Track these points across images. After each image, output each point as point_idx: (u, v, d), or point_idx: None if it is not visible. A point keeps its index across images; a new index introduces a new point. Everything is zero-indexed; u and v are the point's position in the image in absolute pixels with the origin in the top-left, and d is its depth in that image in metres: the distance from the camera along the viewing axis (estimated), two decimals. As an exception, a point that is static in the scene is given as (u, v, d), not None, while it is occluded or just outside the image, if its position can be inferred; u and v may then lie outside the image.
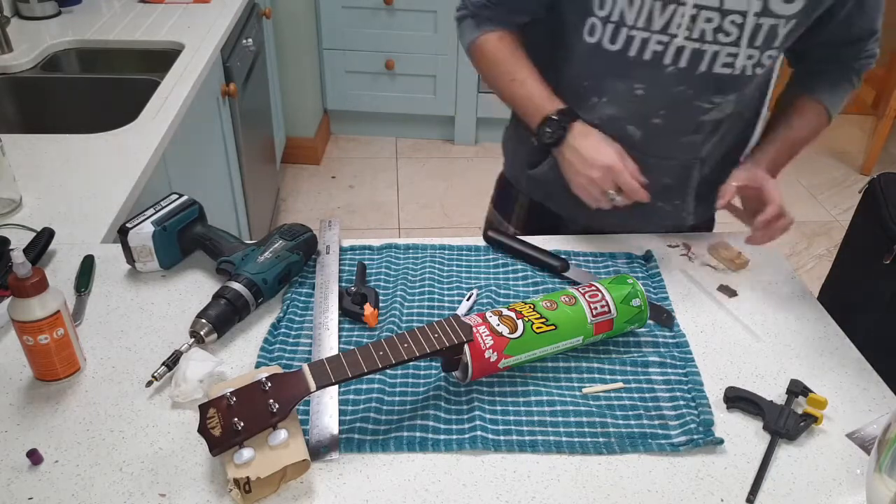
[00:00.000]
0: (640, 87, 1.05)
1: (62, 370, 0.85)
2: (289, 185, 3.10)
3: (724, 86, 1.04)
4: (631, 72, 1.04)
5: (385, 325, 0.96)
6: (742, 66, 1.02)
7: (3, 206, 1.18)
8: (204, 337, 0.90)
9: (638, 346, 0.95)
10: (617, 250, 1.13)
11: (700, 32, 0.98)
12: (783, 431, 0.82)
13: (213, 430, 0.70)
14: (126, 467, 0.76)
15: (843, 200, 3.21)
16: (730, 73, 1.02)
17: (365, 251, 1.11)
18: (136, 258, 1.01)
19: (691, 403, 0.86)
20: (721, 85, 1.04)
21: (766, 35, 0.99)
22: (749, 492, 0.76)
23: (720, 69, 1.02)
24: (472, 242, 1.14)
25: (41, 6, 2.00)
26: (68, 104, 1.77)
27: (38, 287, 0.81)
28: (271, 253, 1.00)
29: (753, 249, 1.13)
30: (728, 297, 1.05)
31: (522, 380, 0.88)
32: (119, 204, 1.21)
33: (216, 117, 1.94)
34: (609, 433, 0.82)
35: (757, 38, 0.99)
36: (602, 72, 1.06)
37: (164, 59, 1.78)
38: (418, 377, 0.89)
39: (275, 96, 2.88)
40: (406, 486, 0.76)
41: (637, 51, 1.01)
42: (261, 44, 2.48)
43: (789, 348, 0.96)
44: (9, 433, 0.79)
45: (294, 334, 0.94)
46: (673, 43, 0.99)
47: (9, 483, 0.74)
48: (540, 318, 0.88)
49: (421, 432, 0.81)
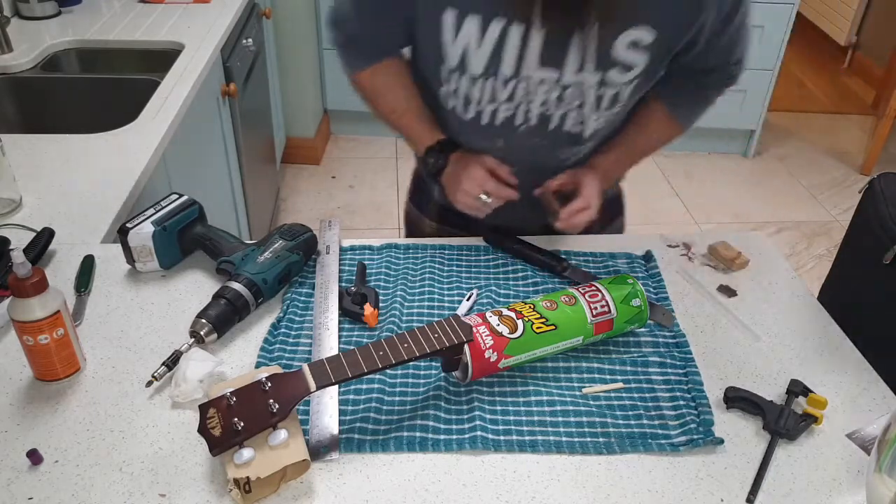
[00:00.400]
0: (499, 142, 1.08)
1: (62, 370, 0.85)
2: (289, 185, 3.10)
3: (579, 139, 1.07)
4: (488, 132, 1.06)
5: (385, 325, 0.96)
6: (592, 124, 1.04)
7: (3, 206, 1.18)
8: (204, 337, 0.90)
9: (638, 346, 0.95)
10: (617, 250, 1.13)
11: (543, 100, 1.01)
12: (783, 431, 0.82)
13: (213, 430, 0.70)
14: (126, 467, 0.76)
15: (843, 200, 3.21)
16: (581, 131, 1.05)
17: (365, 251, 1.11)
18: (136, 258, 1.01)
19: (691, 403, 0.86)
20: (575, 139, 1.07)
21: (611, 99, 1.01)
22: (749, 492, 0.76)
23: (571, 128, 1.04)
24: (472, 242, 1.14)
25: (41, 6, 2.00)
26: (68, 104, 1.77)
27: (38, 287, 0.81)
28: (271, 253, 1.00)
29: (754, 250, 1.14)
30: (728, 297, 1.05)
31: (522, 380, 0.88)
32: (119, 204, 1.21)
33: (216, 117, 1.94)
34: (609, 433, 0.82)
35: (602, 103, 1.01)
36: (463, 131, 1.10)
37: (164, 59, 1.78)
38: (418, 377, 0.89)
39: (275, 96, 2.88)
40: (406, 486, 0.76)
41: (489, 118, 1.04)
42: (261, 44, 2.48)
43: (789, 348, 0.96)
44: (9, 433, 0.79)
45: (294, 334, 0.94)
46: (520, 109, 1.02)
47: (9, 483, 0.74)
48: (540, 318, 0.88)
49: (421, 432, 0.81)
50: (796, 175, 3.39)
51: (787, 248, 2.89)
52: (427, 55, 1.03)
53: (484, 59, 0.97)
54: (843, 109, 4.05)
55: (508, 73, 0.98)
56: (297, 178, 3.16)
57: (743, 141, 3.49)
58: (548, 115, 1.03)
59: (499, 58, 0.96)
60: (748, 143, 3.47)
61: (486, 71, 0.98)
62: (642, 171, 3.54)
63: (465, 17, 0.95)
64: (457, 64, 0.99)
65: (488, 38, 0.95)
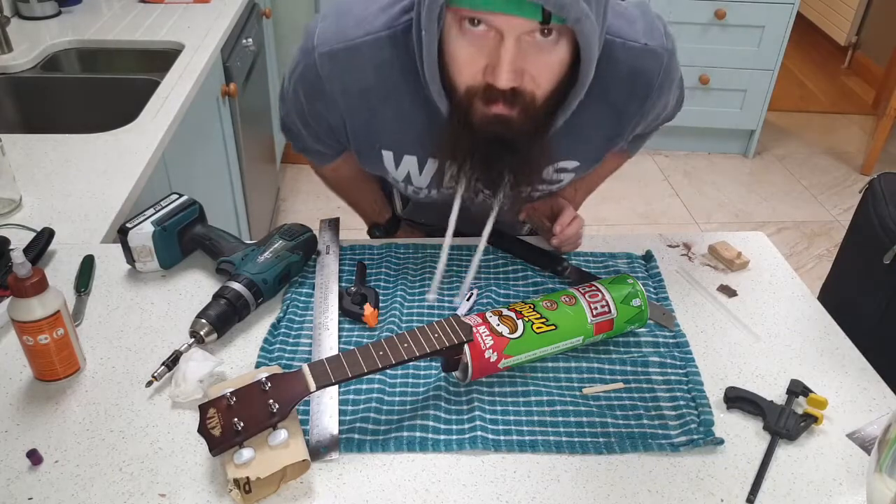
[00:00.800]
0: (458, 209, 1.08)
1: (62, 370, 0.85)
2: (289, 185, 3.10)
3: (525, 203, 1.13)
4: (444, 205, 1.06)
5: (385, 325, 0.96)
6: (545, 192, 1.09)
7: (3, 206, 1.18)
8: (204, 337, 0.90)
9: (638, 346, 0.95)
10: (617, 250, 1.14)
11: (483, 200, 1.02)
12: (783, 431, 0.82)
13: (213, 430, 0.70)
14: (126, 467, 0.76)
15: (843, 200, 3.21)
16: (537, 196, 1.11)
17: (365, 251, 1.11)
18: (136, 258, 1.01)
19: (691, 403, 0.86)
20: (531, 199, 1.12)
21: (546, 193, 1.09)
22: (749, 492, 0.76)
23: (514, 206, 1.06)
24: (472, 242, 1.14)
25: (41, 6, 2.00)
26: (68, 104, 1.77)
27: (38, 287, 0.81)
28: (271, 253, 1.00)
29: (754, 250, 1.14)
30: (728, 297, 1.05)
31: (522, 380, 0.88)
32: (119, 204, 1.21)
33: (216, 117, 1.94)
34: (609, 433, 0.82)
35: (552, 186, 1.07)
36: (420, 202, 1.15)
37: (164, 59, 1.78)
38: (418, 377, 0.88)
39: (275, 96, 2.88)
40: (406, 486, 0.76)
41: (443, 199, 1.06)
42: (261, 44, 2.48)
43: (789, 348, 0.96)
44: (9, 433, 0.79)
45: (294, 334, 0.94)
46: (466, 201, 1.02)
47: (9, 483, 0.74)
48: (540, 318, 0.88)
49: (421, 432, 0.81)
50: (796, 175, 3.39)
51: (787, 248, 2.89)
52: (371, 169, 1.08)
53: (426, 180, 1.05)
54: (843, 109, 4.05)
55: (449, 190, 1.01)
56: (297, 178, 3.16)
57: (743, 141, 3.49)
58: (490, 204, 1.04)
59: (440, 179, 1.01)
60: (748, 143, 3.47)
61: (430, 185, 1.06)
62: (642, 171, 3.55)
63: (401, 157, 1.02)
64: (402, 180, 1.06)
65: (428, 169, 1.03)
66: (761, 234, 1.19)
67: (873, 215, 1.28)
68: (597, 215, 2.99)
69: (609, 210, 3.05)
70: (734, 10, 3.05)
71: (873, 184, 1.33)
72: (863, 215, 1.34)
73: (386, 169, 1.05)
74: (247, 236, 2.28)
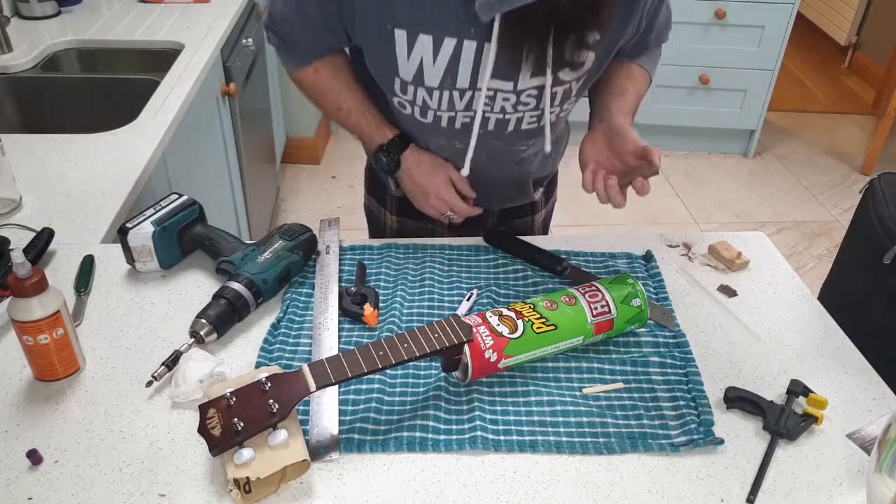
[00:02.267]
0: (458, 143, 1.09)
1: (62, 370, 0.85)
2: (289, 185, 3.10)
3: (535, 133, 1.10)
4: (445, 135, 1.08)
5: (385, 325, 0.96)
6: (547, 119, 1.05)
7: (3, 206, 1.18)
8: (204, 337, 0.90)
9: (638, 346, 0.95)
10: (617, 250, 1.13)
11: (500, 108, 1.03)
12: (783, 431, 0.82)
13: (213, 430, 0.70)
14: (126, 467, 0.76)
15: (843, 200, 3.21)
16: (537, 126, 1.08)
17: (365, 251, 1.11)
18: (136, 258, 1.01)
19: (691, 403, 0.86)
20: (532, 133, 1.10)
21: (563, 95, 1.04)
22: (749, 492, 0.76)
23: (527, 126, 1.07)
24: (472, 242, 1.14)
25: (41, 6, 1.99)
26: (68, 104, 1.76)
27: (38, 287, 0.81)
28: (271, 253, 1.00)
29: (754, 250, 1.14)
30: (728, 297, 1.05)
31: (522, 380, 0.88)
32: (119, 204, 1.21)
33: (216, 117, 1.94)
34: (609, 433, 0.82)
35: (555, 100, 1.04)
36: (420, 132, 1.11)
37: (164, 59, 1.78)
38: (418, 377, 0.88)
39: (275, 96, 2.88)
40: (406, 486, 0.76)
41: (447, 123, 1.05)
42: (261, 44, 2.48)
43: (789, 348, 0.96)
44: (9, 433, 0.79)
45: (294, 334, 0.94)
46: (477, 116, 1.02)
47: (9, 483, 0.74)
48: (540, 318, 0.88)
49: (421, 432, 0.81)
50: (796, 175, 3.39)
51: (787, 248, 2.89)
52: (379, 67, 1.03)
53: (440, 72, 0.98)
54: (843, 109, 4.05)
55: (464, 86, 0.99)
56: (297, 177, 3.16)
57: (743, 141, 3.49)
58: (505, 120, 1.05)
59: (454, 72, 0.98)
60: (748, 143, 3.47)
61: (441, 84, 0.99)
62: (642, 171, 3.53)
63: (416, 36, 0.95)
64: (412, 78, 0.99)
65: (442, 55, 0.96)
66: (761, 234, 1.19)
67: (873, 215, 1.28)
68: (597, 215, 2.99)
69: (609, 210, 3.05)
70: (734, 10, 3.05)
71: (873, 184, 1.33)
72: (863, 215, 1.34)
73: (396, 62, 0.98)
74: (247, 236, 2.28)
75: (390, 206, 1.30)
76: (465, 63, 0.96)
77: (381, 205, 1.32)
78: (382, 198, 1.31)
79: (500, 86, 0.99)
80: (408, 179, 1.12)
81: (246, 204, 2.26)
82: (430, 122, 1.06)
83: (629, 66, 1.14)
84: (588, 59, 1.01)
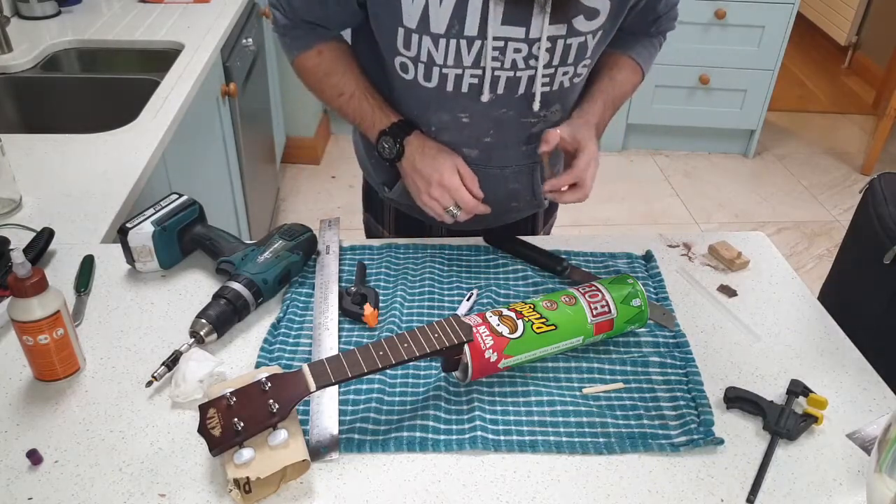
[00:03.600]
0: (464, 116, 1.05)
1: (62, 370, 0.85)
2: (289, 185, 3.10)
3: (546, 101, 1.05)
4: (452, 104, 1.04)
5: (385, 325, 0.96)
6: (560, 82, 1.03)
7: (3, 206, 1.18)
8: (204, 337, 0.90)
9: (638, 346, 0.95)
10: (617, 250, 1.13)
11: (511, 62, 0.98)
12: (783, 431, 0.82)
13: (213, 430, 0.70)
14: (126, 467, 0.76)
15: (843, 200, 3.21)
16: (549, 90, 1.03)
17: (365, 251, 1.11)
18: (136, 258, 1.01)
19: (691, 403, 0.86)
20: (543, 101, 1.04)
21: (577, 51, 1.00)
22: (749, 492, 0.76)
23: (538, 88, 1.02)
24: (472, 242, 1.14)
25: (41, 6, 1.99)
26: (68, 104, 1.76)
27: (38, 287, 0.81)
28: (271, 253, 1.00)
29: (754, 250, 1.14)
30: (728, 297, 1.05)
31: (522, 380, 0.88)
32: (119, 204, 1.21)
33: (216, 117, 1.94)
34: (609, 433, 0.82)
35: (569, 57, 1.00)
36: (424, 105, 1.06)
37: (164, 59, 1.78)
38: (418, 377, 0.88)
39: (275, 96, 2.88)
40: (406, 486, 0.76)
41: (453, 86, 1.01)
42: (261, 44, 2.48)
43: (789, 348, 0.96)
44: (9, 433, 0.79)
45: (294, 334, 0.94)
46: (487, 74, 0.99)
47: (9, 483, 0.74)
48: (540, 318, 0.88)
49: (421, 432, 0.81)
50: (796, 175, 3.39)
51: (787, 248, 2.89)
52: (382, 18, 0.97)
53: (446, 15, 0.92)
54: (843, 109, 4.05)
55: (472, 33, 0.94)
56: (296, 177, 3.16)
57: (743, 141, 3.49)
58: (516, 79, 1.00)
59: (462, 15, 0.92)
60: (748, 143, 3.47)
61: (448, 30, 0.94)
62: (642, 171, 3.54)
63: None
64: (417, 24, 0.94)
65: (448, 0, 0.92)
66: (761, 234, 1.19)
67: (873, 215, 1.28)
68: (597, 215, 2.99)
69: (609, 210, 3.05)
70: (734, 10, 3.05)
71: (873, 184, 1.33)
72: (863, 215, 1.34)
73: (400, 6, 0.93)
74: (247, 236, 2.28)
75: (388, 224, 1.29)
76: (474, 5, 0.91)
77: (379, 222, 1.32)
78: (380, 215, 1.30)
79: (511, 33, 0.94)
80: (409, 167, 1.05)
81: (246, 204, 2.26)
82: (434, 87, 1.01)
83: (619, 58, 1.13)
84: (602, 7, 0.96)
